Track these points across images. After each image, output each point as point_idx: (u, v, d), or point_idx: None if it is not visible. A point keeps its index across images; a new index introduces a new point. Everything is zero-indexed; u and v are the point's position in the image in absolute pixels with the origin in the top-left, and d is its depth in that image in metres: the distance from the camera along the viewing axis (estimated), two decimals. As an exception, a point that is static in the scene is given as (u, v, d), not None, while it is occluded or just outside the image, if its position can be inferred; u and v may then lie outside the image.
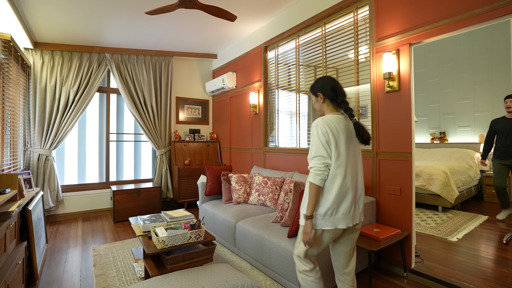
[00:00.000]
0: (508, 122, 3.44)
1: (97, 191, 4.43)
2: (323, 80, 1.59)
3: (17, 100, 3.34)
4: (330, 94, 1.54)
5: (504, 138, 3.44)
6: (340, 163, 1.45)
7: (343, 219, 1.45)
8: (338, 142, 1.46)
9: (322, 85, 1.57)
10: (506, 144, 3.42)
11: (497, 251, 2.71)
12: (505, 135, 3.43)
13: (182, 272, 1.72)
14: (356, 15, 2.74)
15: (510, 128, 3.38)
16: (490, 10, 1.86)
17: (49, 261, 2.71)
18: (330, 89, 1.54)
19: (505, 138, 3.43)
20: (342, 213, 1.45)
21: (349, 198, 1.46)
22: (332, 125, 1.46)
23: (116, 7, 3.10)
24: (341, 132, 1.47)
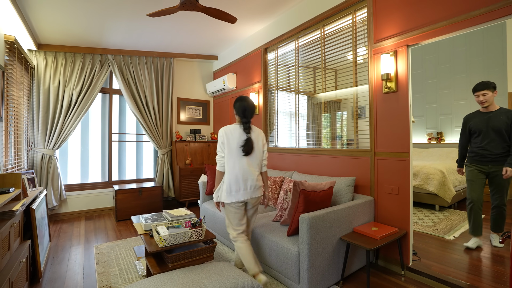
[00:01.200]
0: (483, 118, 2.72)
1: (99, 190, 4.48)
2: (239, 102, 2.18)
3: (21, 101, 3.38)
4: (239, 113, 2.17)
5: (481, 138, 2.74)
6: (229, 157, 2.10)
7: (238, 195, 2.09)
8: (230, 143, 2.10)
9: (237, 106, 2.18)
10: (483, 145, 2.72)
11: (493, 249, 2.73)
12: (482, 134, 2.72)
13: (184, 270, 1.74)
14: (354, 17, 2.77)
15: (488, 124, 2.69)
16: (486, 12, 1.89)
17: (53, 259, 2.74)
18: (241, 111, 2.16)
19: (482, 137, 2.73)
20: (235, 191, 2.09)
21: (240, 182, 2.09)
22: (228, 132, 2.13)
23: (119, 9, 3.15)
24: (234, 137, 2.11)
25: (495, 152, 2.66)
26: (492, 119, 2.66)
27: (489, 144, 2.69)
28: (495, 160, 2.67)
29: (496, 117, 2.65)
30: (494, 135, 2.65)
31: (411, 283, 2.22)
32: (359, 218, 2.39)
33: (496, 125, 2.63)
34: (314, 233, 1.97)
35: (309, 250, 1.95)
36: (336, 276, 2.18)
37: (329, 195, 2.28)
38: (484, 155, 2.72)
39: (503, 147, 2.63)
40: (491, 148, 2.67)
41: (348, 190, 2.51)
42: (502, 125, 2.60)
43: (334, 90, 3.06)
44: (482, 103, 2.69)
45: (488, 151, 2.70)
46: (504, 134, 2.60)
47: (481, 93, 2.68)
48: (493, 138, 2.65)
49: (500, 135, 2.62)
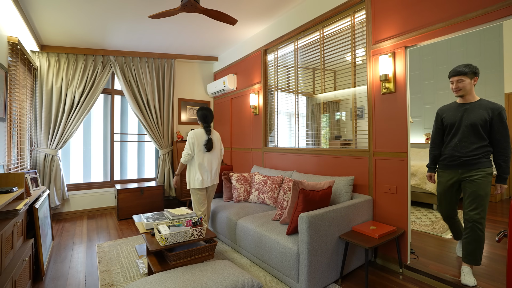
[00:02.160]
0: (459, 110, 2.18)
1: (101, 190, 4.52)
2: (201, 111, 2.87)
3: (24, 101, 3.42)
4: (201, 120, 2.87)
5: (452, 135, 2.21)
6: (199, 154, 2.81)
7: (207, 182, 2.84)
8: (199, 143, 2.80)
9: (200, 114, 2.87)
10: (453, 144, 2.18)
11: (490, 248, 2.76)
12: (454, 130, 2.18)
13: (184, 268, 1.77)
14: (353, 19, 2.80)
15: (462, 118, 2.14)
16: (483, 14, 1.91)
17: (55, 258, 2.77)
18: (202, 118, 2.86)
19: (453, 134, 2.19)
20: (205, 179, 2.82)
21: (206, 172, 2.84)
22: (197, 134, 2.81)
23: (121, 11, 3.18)
24: (202, 138, 2.82)
25: (467, 153, 2.11)
26: (468, 112, 2.12)
27: (460, 143, 2.14)
28: (467, 164, 2.12)
29: (473, 110, 2.11)
30: (467, 131, 2.11)
31: (409, 281, 2.24)
32: (358, 217, 2.42)
33: (471, 120, 2.09)
34: (313, 232, 2.00)
35: (308, 249, 1.98)
36: (335, 275, 2.21)
37: (328, 194, 2.31)
38: (454, 157, 2.18)
39: (477, 148, 2.08)
40: (462, 147, 2.14)
41: (347, 189, 2.53)
42: (479, 120, 2.06)
43: (333, 91, 3.09)
44: (456, 92, 2.15)
45: (459, 152, 2.15)
46: (480, 131, 2.07)
47: (455, 79, 2.14)
48: (466, 136, 2.12)
49: (475, 132, 2.08)
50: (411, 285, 2.18)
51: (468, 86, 2.12)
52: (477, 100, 2.15)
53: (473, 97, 2.16)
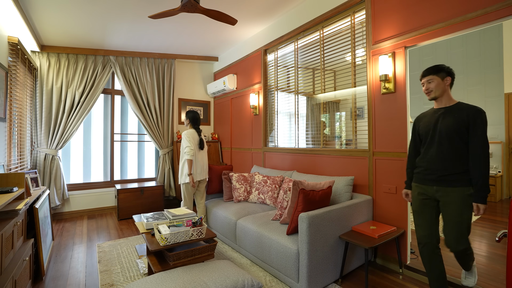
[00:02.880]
0: (434, 116, 1.88)
1: (101, 190, 4.53)
2: (192, 114, 3.28)
3: (24, 102, 3.42)
4: (192, 121, 3.27)
5: (426, 146, 1.90)
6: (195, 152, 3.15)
7: (201, 176, 3.21)
8: (194, 142, 3.14)
9: (191, 116, 3.27)
10: (428, 156, 1.87)
11: (490, 248, 2.76)
12: (428, 140, 1.89)
13: (185, 268, 1.77)
14: (353, 19, 2.81)
15: (436, 125, 1.85)
16: (483, 14, 1.91)
17: (55, 258, 2.78)
18: (194, 120, 3.27)
19: (428, 145, 1.89)
20: (199, 173, 3.19)
21: (200, 167, 3.21)
22: (190, 134, 3.14)
23: (121, 11, 3.19)
24: (195, 138, 3.17)
25: (441, 167, 1.79)
26: (443, 118, 1.81)
27: (437, 154, 1.82)
28: (442, 180, 1.78)
29: (448, 115, 1.80)
30: (442, 141, 1.80)
31: (409, 281, 2.24)
32: (358, 217, 2.42)
33: (446, 126, 1.78)
34: (313, 232, 2.01)
35: (308, 249, 1.98)
36: (335, 274, 2.21)
37: (328, 194, 2.31)
38: (429, 170, 1.85)
39: (456, 161, 1.75)
40: (436, 160, 1.82)
41: (347, 189, 2.54)
42: (455, 126, 1.75)
43: (333, 91, 3.09)
44: (427, 94, 1.88)
45: (433, 165, 1.83)
46: (456, 139, 1.75)
47: (425, 80, 1.88)
48: (443, 146, 1.80)
49: (451, 141, 1.76)
50: (411, 285, 2.18)
51: (439, 87, 1.83)
52: (454, 104, 1.82)
53: (449, 100, 1.84)
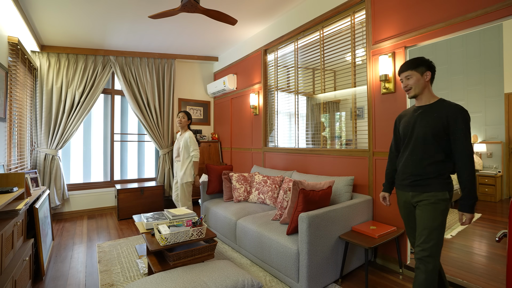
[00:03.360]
0: (413, 115, 1.72)
1: (101, 190, 4.53)
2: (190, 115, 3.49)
3: (24, 102, 3.42)
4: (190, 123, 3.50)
5: (404, 146, 1.76)
6: None
7: None
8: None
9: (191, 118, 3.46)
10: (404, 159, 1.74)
11: (490, 248, 2.76)
12: (406, 141, 1.74)
13: (185, 268, 1.77)
14: (353, 19, 2.81)
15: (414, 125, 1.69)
16: (482, 14, 1.91)
17: (55, 258, 2.78)
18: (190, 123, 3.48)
19: (405, 146, 1.75)
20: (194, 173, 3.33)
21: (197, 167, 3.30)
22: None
23: (121, 11, 3.19)
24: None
25: (416, 172, 1.66)
26: (421, 118, 1.66)
27: (411, 157, 1.69)
28: (416, 185, 1.66)
29: (427, 115, 1.64)
30: (418, 143, 1.66)
31: (409, 281, 2.24)
32: (358, 217, 2.42)
33: (422, 127, 1.64)
34: (313, 232, 2.01)
35: (308, 249, 1.98)
36: (335, 274, 2.21)
37: (328, 194, 2.31)
38: (405, 175, 1.72)
39: (430, 164, 1.61)
40: (410, 164, 1.69)
41: (347, 189, 2.54)
42: (433, 126, 1.59)
43: (333, 91, 3.09)
44: (406, 91, 1.73)
45: (409, 169, 1.70)
46: (432, 141, 1.61)
47: (403, 76, 1.72)
48: (417, 148, 1.66)
49: (427, 143, 1.62)
50: (411, 285, 2.18)
51: (419, 83, 1.66)
52: (434, 102, 1.66)
53: (429, 97, 1.68)
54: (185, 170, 3.26)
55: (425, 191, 1.63)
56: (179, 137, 3.45)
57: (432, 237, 1.55)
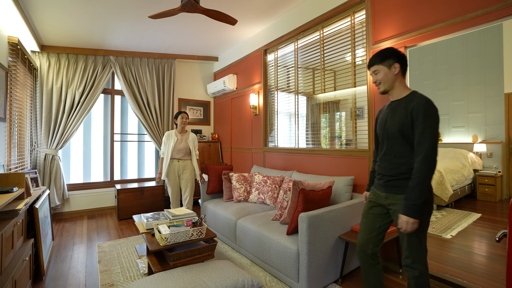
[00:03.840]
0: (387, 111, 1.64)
1: (101, 190, 4.53)
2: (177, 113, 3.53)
3: (24, 102, 3.42)
4: None
5: (380, 144, 1.68)
6: None
7: None
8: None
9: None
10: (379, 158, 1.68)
11: (490, 248, 2.76)
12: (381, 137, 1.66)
13: (185, 268, 1.77)
14: (353, 19, 2.81)
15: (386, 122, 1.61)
16: (482, 14, 1.91)
17: (55, 258, 2.78)
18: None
19: (381, 143, 1.67)
20: None
21: None
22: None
23: (121, 11, 3.19)
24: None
25: (388, 172, 1.58)
26: (391, 115, 1.58)
27: (385, 155, 1.62)
28: (389, 186, 1.58)
29: (396, 110, 1.55)
30: (389, 141, 1.59)
31: (408, 281, 2.24)
32: (358, 217, 2.42)
33: (392, 124, 1.55)
34: (313, 232, 2.01)
35: (308, 249, 1.98)
36: (335, 274, 2.21)
37: (328, 194, 2.31)
38: (379, 174, 1.66)
39: (403, 163, 1.52)
40: (383, 163, 1.62)
41: (347, 189, 2.54)
42: (400, 122, 1.51)
43: (333, 91, 3.09)
44: (377, 87, 1.63)
45: (381, 169, 1.63)
46: (400, 139, 1.52)
47: (371, 71, 1.62)
48: (390, 145, 1.59)
49: (397, 140, 1.53)
50: (411, 285, 2.18)
51: (387, 77, 1.55)
52: (405, 96, 1.55)
53: (400, 91, 1.57)
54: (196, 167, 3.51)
55: (398, 192, 1.52)
56: (182, 137, 3.47)
57: (412, 244, 1.48)
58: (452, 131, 5.80)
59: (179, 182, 3.50)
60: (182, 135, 3.49)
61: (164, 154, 3.46)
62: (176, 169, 3.44)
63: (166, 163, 3.39)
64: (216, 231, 3.22)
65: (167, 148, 3.43)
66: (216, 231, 3.22)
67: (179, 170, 3.45)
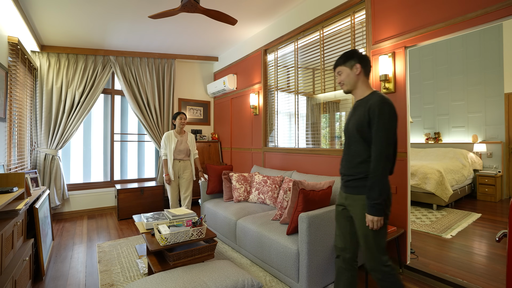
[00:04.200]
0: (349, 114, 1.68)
1: (101, 190, 4.53)
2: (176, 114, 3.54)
3: (24, 102, 3.42)
4: None
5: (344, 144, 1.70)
6: None
7: None
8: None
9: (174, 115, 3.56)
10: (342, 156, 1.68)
11: (489, 248, 2.76)
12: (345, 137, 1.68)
13: (185, 268, 1.77)
14: (353, 19, 2.81)
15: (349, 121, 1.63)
16: (483, 14, 1.91)
17: (55, 258, 2.78)
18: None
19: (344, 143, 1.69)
20: None
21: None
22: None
23: (121, 11, 3.19)
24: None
25: (347, 172, 1.59)
26: (352, 115, 1.62)
27: (344, 156, 1.64)
28: (348, 186, 1.59)
29: (357, 110, 1.58)
30: (350, 140, 1.60)
31: (409, 281, 2.24)
32: (358, 217, 2.42)
33: (352, 125, 1.58)
34: (313, 232, 2.01)
35: (308, 249, 1.98)
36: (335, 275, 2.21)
37: (328, 194, 2.31)
38: (341, 174, 1.66)
39: (361, 163, 1.52)
40: (344, 163, 1.64)
41: (347, 189, 2.53)
42: (358, 123, 1.53)
43: (333, 91, 3.09)
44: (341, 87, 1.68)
45: (342, 169, 1.65)
46: (359, 138, 1.53)
47: (336, 73, 1.67)
48: (349, 146, 1.61)
49: (356, 140, 1.55)
50: (411, 285, 2.19)
51: (349, 78, 1.60)
52: (365, 96, 1.57)
53: (362, 91, 1.60)
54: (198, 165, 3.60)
55: (355, 193, 1.53)
56: (182, 138, 3.50)
57: (371, 247, 1.48)
58: (452, 131, 5.80)
59: (179, 182, 3.51)
60: (182, 135, 3.51)
61: (167, 155, 3.45)
62: (176, 169, 3.45)
63: (170, 164, 3.41)
64: (216, 231, 3.22)
65: (169, 149, 3.43)
66: (216, 231, 3.22)
67: (180, 170, 3.46)
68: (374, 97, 1.48)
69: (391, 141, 1.43)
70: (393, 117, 1.43)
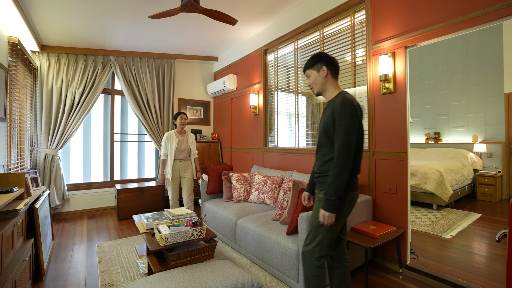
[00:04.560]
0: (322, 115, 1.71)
1: (101, 190, 4.53)
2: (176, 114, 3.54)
3: (24, 102, 3.42)
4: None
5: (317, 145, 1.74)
6: None
7: None
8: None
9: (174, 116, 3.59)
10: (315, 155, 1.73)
11: (489, 248, 2.76)
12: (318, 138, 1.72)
13: (185, 268, 1.77)
14: (353, 19, 2.81)
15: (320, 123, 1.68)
16: (483, 14, 1.91)
17: (55, 258, 2.78)
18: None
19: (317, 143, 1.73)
20: None
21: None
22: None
23: (121, 11, 3.19)
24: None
25: (318, 170, 1.65)
26: (323, 115, 1.67)
27: (316, 155, 1.70)
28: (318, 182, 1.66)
29: (325, 111, 1.64)
30: (320, 140, 1.66)
31: (409, 281, 2.24)
32: (358, 217, 2.42)
33: (320, 124, 1.65)
34: (313, 232, 2.00)
35: (308, 248, 1.98)
36: (335, 274, 2.21)
37: (328, 194, 2.31)
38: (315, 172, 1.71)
39: (327, 161, 1.58)
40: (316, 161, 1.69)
41: (347, 189, 2.53)
42: (324, 123, 1.60)
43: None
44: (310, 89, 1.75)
45: (315, 166, 1.71)
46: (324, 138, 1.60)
47: (306, 75, 1.71)
48: (319, 145, 1.67)
49: (322, 139, 1.62)
50: (411, 285, 2.19)
51: (316, 80, 1.64)
52: (333, 97, 1.61)
53: (331, 93, 1.63)
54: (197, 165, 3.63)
55: (321, 189, 1.61)
56: (182, 138, 3.52)
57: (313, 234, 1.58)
58: (452, 131, 5.80)
59: (180, 182, 3.52)
60: (182, 135, 3.52)
61: (167, 155, 3.48)
62: (178, 169, 3.46)
63: (171, 164, 3.42)
64: (216, 231, 3.22)
65: (170, 149, 3.44)
66: (216, 231, 3.22)
67: (181, 170, 3.48)
68: (338, 98, 1.53)
69: (351, 141, 1.47)
70: (353, 117, 1.47)
